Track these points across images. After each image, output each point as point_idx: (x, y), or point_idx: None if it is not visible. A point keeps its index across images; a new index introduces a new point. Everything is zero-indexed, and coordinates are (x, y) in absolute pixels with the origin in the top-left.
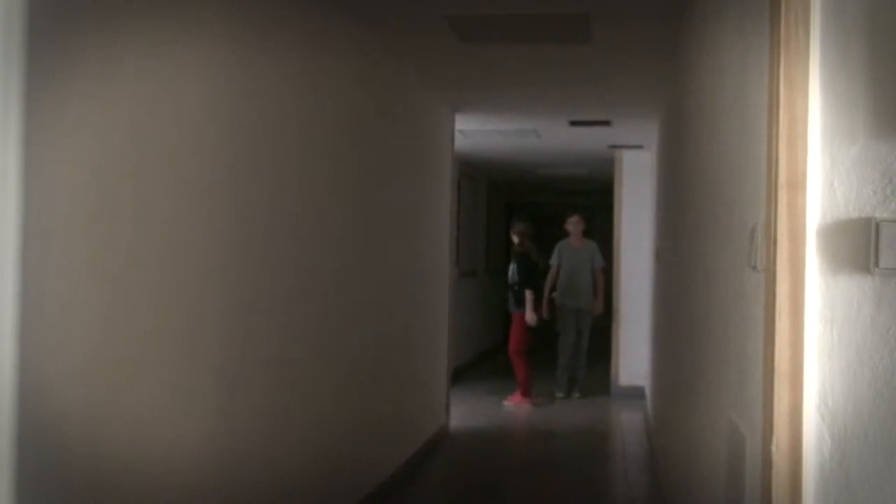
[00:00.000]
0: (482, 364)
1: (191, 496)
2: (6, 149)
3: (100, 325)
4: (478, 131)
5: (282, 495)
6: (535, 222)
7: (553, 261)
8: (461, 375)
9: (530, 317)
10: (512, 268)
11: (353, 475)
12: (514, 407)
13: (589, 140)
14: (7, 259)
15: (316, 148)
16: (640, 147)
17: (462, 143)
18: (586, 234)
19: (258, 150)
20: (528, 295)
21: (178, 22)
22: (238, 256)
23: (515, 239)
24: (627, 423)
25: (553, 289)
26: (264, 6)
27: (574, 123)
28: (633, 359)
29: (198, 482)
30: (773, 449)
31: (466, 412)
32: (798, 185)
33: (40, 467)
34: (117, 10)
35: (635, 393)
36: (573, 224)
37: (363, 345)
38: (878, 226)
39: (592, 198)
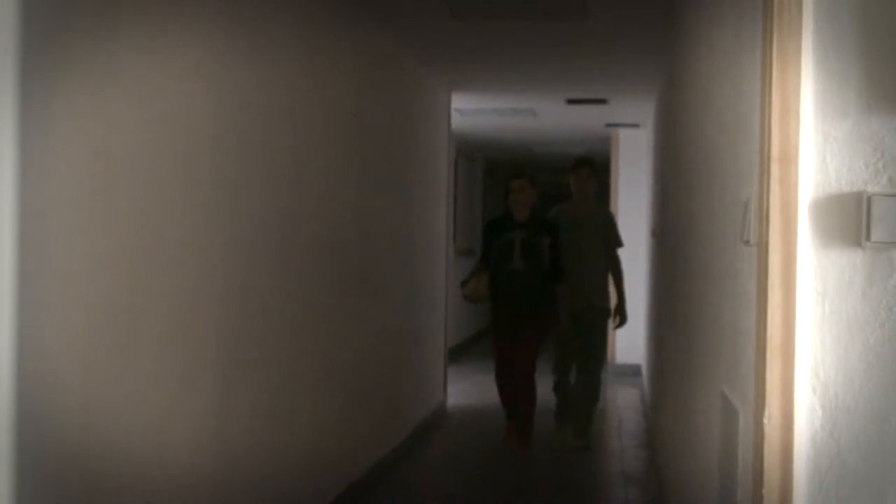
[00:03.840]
0: (479, 342)
1: (187, 486)
2: (2, 133)
3: (97, 318)
4: (474, 110)
5: (280, 474)
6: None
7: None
8: (458, 354)
9: (566, 317)
10: (541, 241)
11: (351, 453)
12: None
13: (586, 119)
14: (4, 245)
15: (311, 131)
16: (636, 126)
17: (459, 121)
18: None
19: (253, 134)
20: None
21: (169, 9)
22: (234, 242)
23: (526, 197)
24: (624, 401)
25: None
26: None
27: (571, 102)
28: (630, 337)
29: (194, 473)
30: (766, 421)
31: (463, 390)
32: (790, 160)
33: (38, 460)
34: (113, 4)
35: (632, 371)
36: (580, 179)
37: (360, 324)
38: (869, 200)
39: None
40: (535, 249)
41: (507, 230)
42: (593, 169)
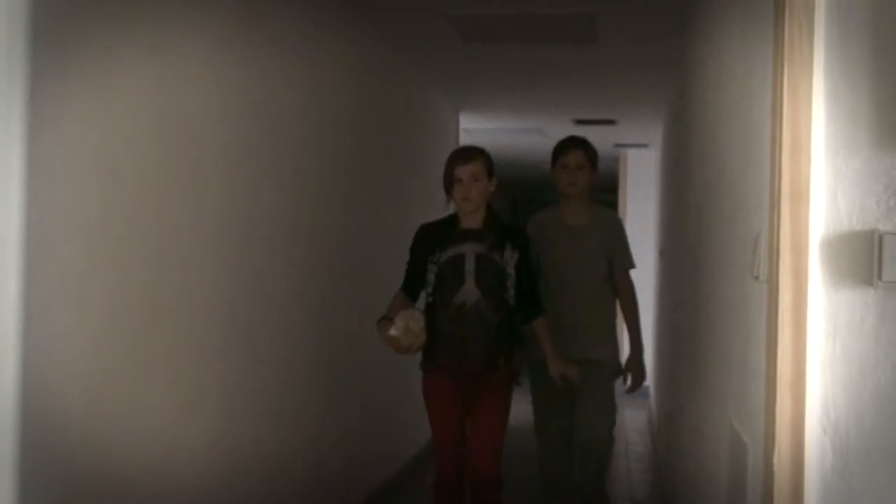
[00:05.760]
0: None
1: (193, 495)
2: (9, 148)
3: (104, 325)
4: (482, 130)
5: (286, 494)
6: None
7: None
8: None
9: (558, 366)
10: (506, 258)
11: (358, 473)
12: None
13: (594, 139)
14: (10, 259)
15: (320, 149)
16: (644, 146)
17: (467, 141)
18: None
19: (261, 149)
20: (542, 325)
21: (180, 19)
22: (241, 256)
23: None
24: (631, 422)
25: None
26: (268, 6)
27: (579, 122)
28: None
29: (201, 482)
30: (775, 460)
31: None
32: (801, 197)
33: (44, 466)
34: (120, 7)
35: (640, 392)
36: (569, 169)
37: (365, 343)
38: (881, 238)
39: (597, 196)
40: (497, 270)
41: (452, 242)
42: (589, 155)
